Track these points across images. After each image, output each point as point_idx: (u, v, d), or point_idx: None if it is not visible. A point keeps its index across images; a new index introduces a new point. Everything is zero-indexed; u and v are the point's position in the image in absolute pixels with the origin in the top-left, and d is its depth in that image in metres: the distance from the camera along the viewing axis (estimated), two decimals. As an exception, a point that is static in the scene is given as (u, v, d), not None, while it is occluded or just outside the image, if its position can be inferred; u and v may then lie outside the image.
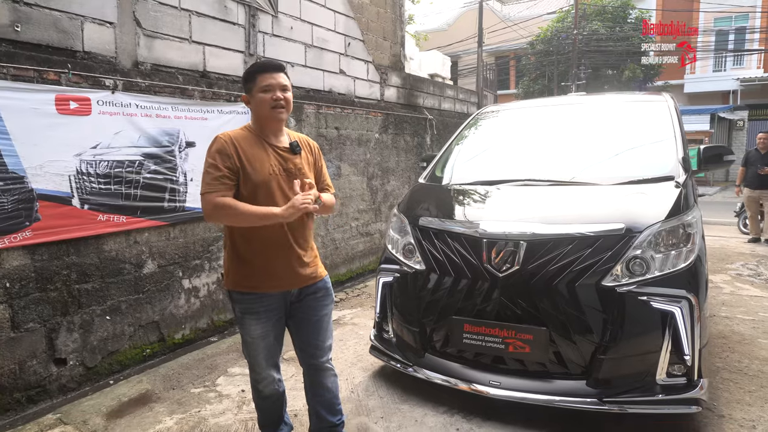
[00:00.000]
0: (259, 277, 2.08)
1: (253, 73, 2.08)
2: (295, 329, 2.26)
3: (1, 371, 3.03)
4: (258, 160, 2.05)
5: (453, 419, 2.77)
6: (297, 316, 2.23)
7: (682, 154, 3.12)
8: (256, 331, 2.13)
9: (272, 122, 2.10)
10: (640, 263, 2.56)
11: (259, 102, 2.06)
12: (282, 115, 2.08)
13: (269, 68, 2.09)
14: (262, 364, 2.20)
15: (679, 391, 2.50)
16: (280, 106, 2.06)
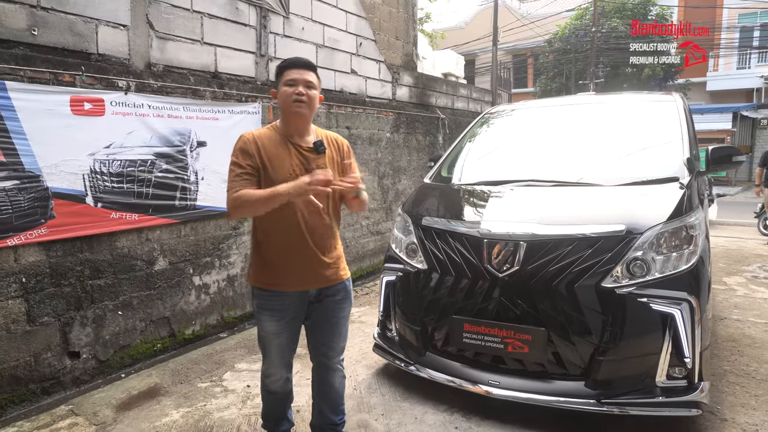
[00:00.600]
0: (277, 275, 2.10)
1: (283, 68, 2.10)
2: (311, 328, 2.27)
3: (17, 363, 3.14)
4: (279, 159, 2.04)
5: (452, 417, 2.80)
6: (314, 316, 2.23)
7: (688, 155, 3.09)
8: (270, 327, 2.15)
9: (293, 117, 2.07)
10: (640, 265, 2.56)
11: (282, 95, 2.06)
12: (302, 109, 2.04)
13: (298, 64, 2.09)
14: (274, 360, 2.22)
15: (680, 394, 2.49)
16: (300, 100, 2.02)
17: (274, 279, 2.10)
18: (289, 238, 2.06)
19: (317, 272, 2.13)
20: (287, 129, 2.11)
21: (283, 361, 2.24)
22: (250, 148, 2.03)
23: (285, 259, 2.08)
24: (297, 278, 2.10)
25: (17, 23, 3.19)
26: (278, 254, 2.09)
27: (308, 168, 2.05)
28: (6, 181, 3.07)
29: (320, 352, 2.29)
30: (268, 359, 2.23)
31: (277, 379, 2.26)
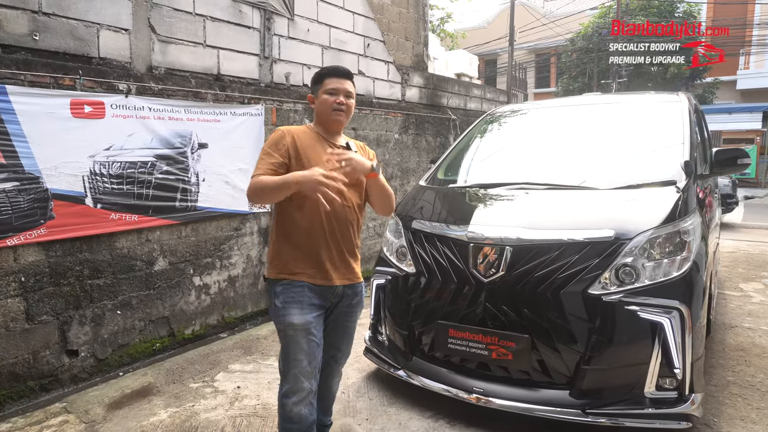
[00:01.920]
0: (306, 265, 2.05)
1: (322, 75, 2.16)
2: (326, 330, 2.17)
3: (16, 360, 3.22)
4: (314, 151, 2.07)
5: (437, 424, 2.76)
6: (332, 321, 2.18)
7: (687, 158, 2.98)
8: (299, 320, 1.98)
9: (331, 124, 2.17)
10: (629, 271, 2.48)
11: (323, 103, 2.13)
12: (341, 117, 2.15)
13: (338, 73, 2.16)
14: (303, 364, 1.96)
15: (669, 406, 2.41)
16: (340, 109, 2.13)
17: (301, 270, 2.05)
18: (317, 229, 2.04)
19: (340, 269, 2.10)
20: (323, 131, 2.18)
21: (313, 364, 1.99)
22: (283, 139, 2.06)
23: (311, 254, 2.05)
24: (324, 272, 2.06)
25: (19, 28, 3.27)
26: (306, 244, 2.05)
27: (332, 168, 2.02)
28: (6, 183, 3.14)
29: (329, 354, 2.21)
30: (298, 365, 1.96)
31: (304, 395, 1.96)
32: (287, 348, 2.01)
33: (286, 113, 5.08)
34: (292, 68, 5.27)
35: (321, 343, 2.05)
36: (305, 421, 1.96)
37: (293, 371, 1.97)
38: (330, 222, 2.06)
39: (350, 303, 2.20)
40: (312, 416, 1.99)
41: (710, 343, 3.81)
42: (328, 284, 2.08)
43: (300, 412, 1.95)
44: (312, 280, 2.05)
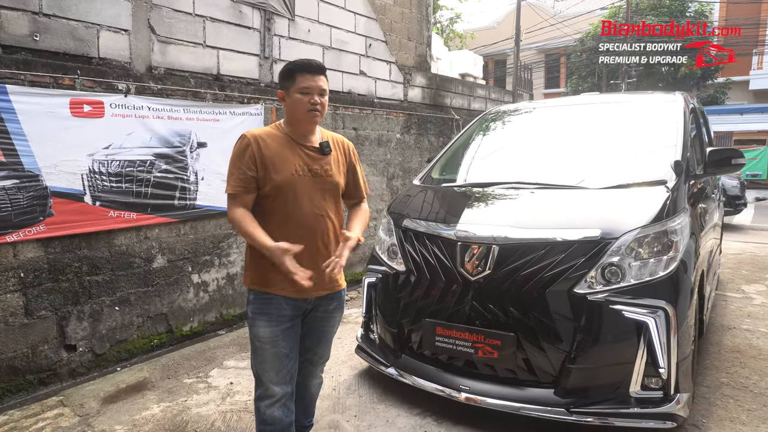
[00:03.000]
0: (277, 277, 1.96)
1: (293, 71, 1.99)
2: (303, 336, 2.16)
3: (15, 354, 3.29)
4: (282, 158, 1.98)
5: (424, 422, 2.77)
6: (307, 325, 2.14)
7: (679, 158, 2.97)
8: (266, 333, 1.99)
9: (306, 125, 2.04)
10: (615, 271, 2.48)
11: (296, 102, 1.99)
12: (317, 119, 2.03)
13: (311, 69, 1.99)
14: (270, 374, 2.01)
15: (654, 405, 2.41)
16: (315, 110, 1.99)
17: (274, 282, 1.99)
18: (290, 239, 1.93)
19: (317, 281, 1.99)
20: (294, 131, 2.05)
21: (282, 373, 2.02)
22: (247, 150, 1.96)
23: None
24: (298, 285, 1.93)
25: (20, 29, 3.34)
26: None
27: (312, 168, 2.02)
28: (6, 180, 3.21)
29: (305, 357, 2.20)
30: (266, 374, 2.02)
31: (275, 400, 2.01)
32: (256, 356, 2.04)
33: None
34: (293, 68, 5.31)
35: (292, 353, 2.05)
36: (279, 423, 2.03)
37: (262, 378, 2.04)
38: (302, 235, 1.97)
39: (327, 309, 2.15)
40: (288, 418, 2.05)
41: (706, 344, 3.78)
42: (305, 297, 2.03)
43: (273, 414, 2.02)
44: (285, 293, 1.99)
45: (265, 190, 1.98)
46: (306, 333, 2.16)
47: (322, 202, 2.04)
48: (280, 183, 1.96)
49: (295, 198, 1.98)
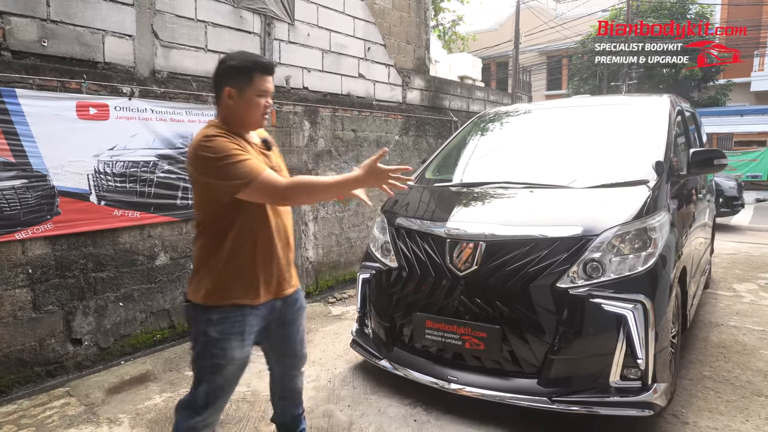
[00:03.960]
0: (251, 285, 1.84)
1: (252, 70, 1.85)
2: (276, 344, 2.05)
3: (23, 347, 3.42)
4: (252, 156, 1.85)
5: (414, 411, 2.89)
6: (279, 330, 2.02)
7: (661, 158, 3.08)
8: (241, 354, 1.83)
9: (255, 127, 1.95)
10: (596, 266, 2.59)
11: (253, 105, 1.86)
12: (266, 122, 1.96)
13: (269, 70, 1.90)
14: (225, 401, 1.91)
15: (633, 394, 2.51)
16: (267, 113, 1.92)
17: (247, 291, 1.83)
18: (262, 241, 1.86)
19: (286, 277, 1.94)
20: (239, 131, 1.90)
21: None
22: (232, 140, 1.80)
23: (260, 266, 1.86)
24: (270, 286, 1.88)
25: (28, 35, 3.48)
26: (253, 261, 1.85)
27: (271, 166, 1.90)
28: (15, 180, 3.35)
29: (288, 365, 2.11)
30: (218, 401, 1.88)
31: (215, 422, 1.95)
32: (219, 382, 1.84)
33: (285, 115, 5.26)
34: (293, 72, 5.45)
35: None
36: None
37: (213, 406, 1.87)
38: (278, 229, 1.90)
39: (294, 309, 2.05)
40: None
41: (692, 340, 3.89)
42: (275, 298, 1.93)
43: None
44: (256, 301, 1.85)
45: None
46: (280, 339, 2.03)
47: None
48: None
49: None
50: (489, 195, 3.23)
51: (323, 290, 5.71)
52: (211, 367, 1.81)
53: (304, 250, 5.49)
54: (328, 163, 5.81)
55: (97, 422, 2.86)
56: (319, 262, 5.76)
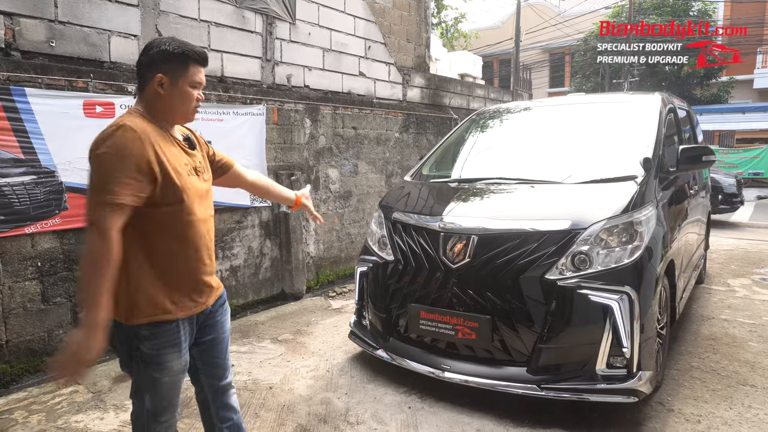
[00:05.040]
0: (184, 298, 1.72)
1: (187, 59, 1.69)
2: (205, 353, 1.88)
3: (33, 337, 3.54)
4: (176, 158, 1.68)
5: (409, 398, 3.00)
6: (206, 338, 1.87)
7: (649, 155, 3.17)
8: (179, 366, 1.73)
9: (184, 120, 1.78)
10: (584, 258, 2.69)
11: (184, 96, 1.70)
12: (195, 117, 1.80)
13: (204, 61, 1.75)
14: (176, 406, 1.81)
15: (619, 382, 2.60)
16: (198, 107, 1.78)
17: (180, 305, 1.71)
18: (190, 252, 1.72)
19: (212, 283, 1.83)
20: (164, 124, 1.72)
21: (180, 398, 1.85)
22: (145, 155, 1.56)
23: (190, 277, 1.74)
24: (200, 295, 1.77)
25: (37, 36, 3.60)
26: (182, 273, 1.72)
27: (195, 166, 1.76)
28: (24, 176, 3.47)
29: (216, 376, 1.94)
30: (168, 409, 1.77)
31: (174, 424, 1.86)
32: (162, 393, 1.74)
33: (287, 113, 5.36)
34: (294, 70, 5.55)
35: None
36: None
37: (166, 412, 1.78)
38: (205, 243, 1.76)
39: (222, 311, 1.93)
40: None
41: (683, 332, 3.98)
42: (205, 306, 1.81)
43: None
44: (188, 312, 1.74)
45: (162, 199, 1.61)
46: (210, 347, 1.89)
47: (208, 203, 1.81)
48: (183, 188, 1.65)
49: (191, 203, 1.69)
50: (483, 191, 3.32)
51: (324, 285, 5.82)
52: (149, 381, 1.71)
53: (305, 246, 5.60)
54: (328, 159, 5.92)
55: (104, 408, 2.98)
56: (320, 257, 5.87)
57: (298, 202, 2.32)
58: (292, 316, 4.68)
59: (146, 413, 1.76)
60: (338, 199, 6.12)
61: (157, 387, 1.72)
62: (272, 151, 5.23)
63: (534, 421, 2.73)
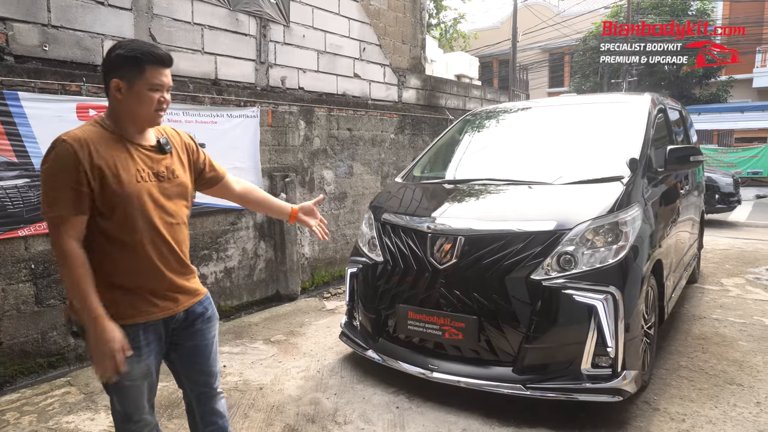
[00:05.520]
0: (140, 303, 1.71)
1: (143, 61, 1.65)
2: (185, 359, 1.90)
3: (26, 339, 3.58)
4: (122, 165, 1.66)
5: (397, 399, 3.02)
6: (185, 344, 1.87)
7: (636, 156, 3.19)
8: (139, 370, 1.72)
9: (148, 124, 1.75)
10: (569, 259, 2.71)
11: (143, 100, 1.67)
12: (161, 119, 1.77)
13: (164, 62, 1.71)
14: (145, 407, 1.81)
15: (604, 381, 2.63)
16: (163, 109, 1.73)
17: (136, 310, 1.71)
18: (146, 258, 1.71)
19: (182, 289, 1.81)
20: (126, 129, 1.71)
21: (152, 403, 1.86)
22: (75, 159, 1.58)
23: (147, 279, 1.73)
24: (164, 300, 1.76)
25: (30, 40, 3.63)
26: (137, 275, 1.71)
27: (156, 171, 1.74)
28: (18, 179, 3.50)
29: (200, 382, 1.95)
30: (138, 411, 1.79)
31: (151, 428, 1.87)
32: (125, 396, 1.77)
33: (281, 115, 5.39)
34: (288, 72, 5.58)
35: (158, 374, 1.85)
36: None
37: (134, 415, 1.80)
38: (162, 251, 1.74)
39: (204, 318, 1.90)
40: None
41: (674, 332, 4.00)
42: (171, 314, 1.79)
43: None
44: (148, 317, 1.73)
45: (103, 207, 1.63)
46: (190, 354, 1.90)
47: (174, 209, 1.77)
48: (125, 194, 1.64)
49: (143, 210, 1.68)
50: (471, 192, 3.35)
51: (319, 286, 5.84)
52: (112, 384, 1.72)
53: (300, 247, 5.63)
54: (323, 161, 5.95)
55: (95, 409, 3.01)
56: (315, 258, 5.90)
57: (293, 215, 2.21)
58: (285, 317, 4.71)
59: (119, 415, 1.81)
60: (333, 201, 6.15)
61: (121, 390, 1.75)
62: (266, 153, 5.25)
63: (520, 420, 2.75)
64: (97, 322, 1.58)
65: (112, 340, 1.60)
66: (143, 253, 1.71)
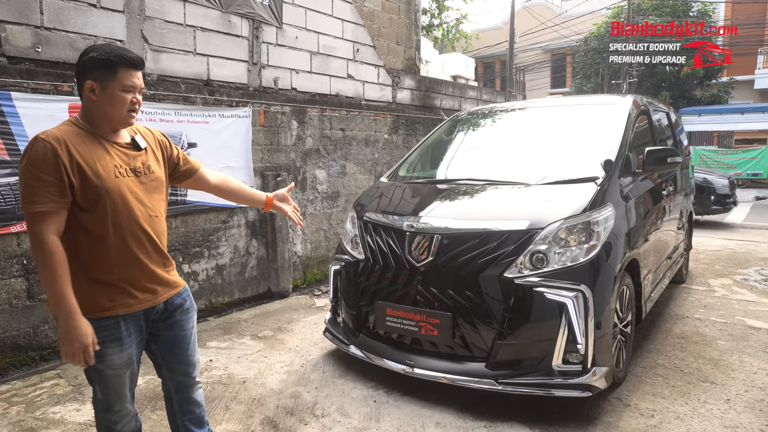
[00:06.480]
0: (120, 295, 1.78)
1: (116, 64, 1.73)
2: (164, 349, 1.98)
3: (18, 333, 3.67)
4: (100, 161, 1.73)
5: (376, 393, 3.10)
6: (164, 334, 1.96)
7: (612, 157, 3.25)
8: (120, 360, 1.80)
9: (121, 125, 1.83)
10: (541, 257, 2.78)
11: (116, 101, 1.75)
12: (134, 120, 1.85)
13: (135, 64, 1.79)
14: (126, 396, 1.89)
15: (574, 377, 2.69)
16: (135, 110, 1.82)
17: (114, 302, 1.78)
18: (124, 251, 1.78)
19: (162, 280, 1.89)
20: (100, 128, 1.80)
21: (133, 392, 1.94)
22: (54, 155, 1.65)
23: (126, 272, 1.80)
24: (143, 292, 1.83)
25: (23, 42, 3.72)
26: (116, 267, 1.78)
27: (134, 167, 1.83)
28: (10, 177, 3.59)
29: (179, 371, 2.03)
30: (119, 400, 1.87)
31: (131, 417, 1.94)
32: (107, 385, 1.84)
33: (273, 115, 5.47)
34: (281, 73, 5.66)
35: (139, 365, 1.93)
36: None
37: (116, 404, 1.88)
38: (143, 244, 1.82)
39: (182, 309, 1.99)
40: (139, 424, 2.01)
41: (655, 331, 4.05)
42: (150, 306, 1.87)
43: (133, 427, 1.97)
44: (128, 309, 1.81)
45: (83, 202, 1.71)
46: (169, 344, 1.98)
47: (152, 203, 1.87)
48: (105, 189, 1.72)
49: (125, 203, 1.76)
50: (452, 192, 3.42)
51: (311, 283, 5.92)
52: (95, 373, 1.81)
53: (292, 245, 5.71)
54: (316, 161, 6.02)
55: (82, 401, 3.09)
56: (307, 256, 5.98)
57: (269, 203, 2.31)
58: (275, 314, 4.79)
59: (99, 404, 1.90)
60: (326, 200, 6.22)
61: (103, 379, 1.83)
62: (259, 153, 5.34)
63: (494, 415, 2.82)
64: (71, 317, 1.65)
65: (84, 335, 1.67)
66: (125, 246, 1.77)
